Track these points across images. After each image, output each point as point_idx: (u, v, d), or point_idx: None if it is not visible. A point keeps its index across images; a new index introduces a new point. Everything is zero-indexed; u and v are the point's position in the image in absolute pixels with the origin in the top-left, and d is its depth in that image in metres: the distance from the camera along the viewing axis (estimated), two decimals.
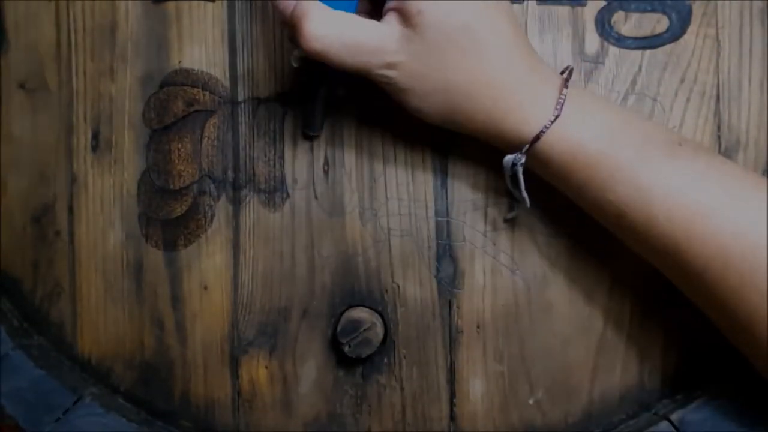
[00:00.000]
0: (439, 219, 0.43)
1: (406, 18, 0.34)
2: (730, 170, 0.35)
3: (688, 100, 0.42)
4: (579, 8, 0.42)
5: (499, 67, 0.35)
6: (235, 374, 0.43)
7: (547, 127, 0.35)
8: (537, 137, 0.35)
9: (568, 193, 0.38)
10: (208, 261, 0.43)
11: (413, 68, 0.35)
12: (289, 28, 0.35)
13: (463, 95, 0.36)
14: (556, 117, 0.35)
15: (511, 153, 0.37)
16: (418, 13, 0.34)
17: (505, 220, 0.42)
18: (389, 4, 0.35)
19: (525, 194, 0.38)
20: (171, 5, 0.43)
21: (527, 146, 0.36)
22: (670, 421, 0.40)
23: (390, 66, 0.35)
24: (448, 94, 0.36)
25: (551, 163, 0.36)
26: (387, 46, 0.35)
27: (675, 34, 0.42)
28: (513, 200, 0.41)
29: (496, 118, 0.36)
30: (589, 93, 0.38)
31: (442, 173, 0.43)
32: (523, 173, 0.37)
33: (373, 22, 0.35)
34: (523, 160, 0.36)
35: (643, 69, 0.42)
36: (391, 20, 0.35)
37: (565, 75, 0.37)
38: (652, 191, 0.34)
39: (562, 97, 0.35)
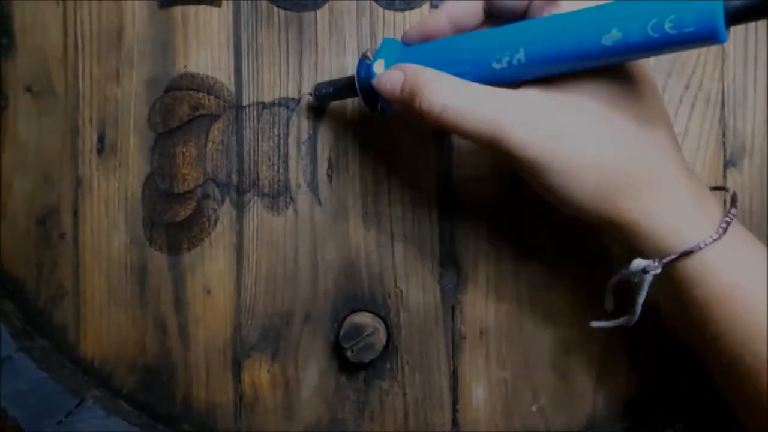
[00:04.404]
0: (443, 224, 0.42)
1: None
2: None
3: (693, 106, 0.42)
4: None
5: (669, 152, 0.31)
6: (237, 378, 0.43)
7: (706, 245, 0.29)
8: (689, 252, 0.30)
9: (690, 327, 0.32)
10: (212, 265, 0.43)
11: (553, 136, 0.30)
12: (403, 99, 0.32)
13: (622, 175, 0.30)
14: (719, 237, 0.30)
15: (645, 258, 0.31)
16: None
17: (598, 327, 0.36)
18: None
19: (639, 308, 0.32)
20: (177, 10, 0.43)
21: (672, 257, 0.30)
22: (674, 430, 0.40)
23: (524, 131, 0.30)
24: (603, 171, 0.30)
25: (695, 289, 0.30)
26: (522, 109, 0.30)
27: None
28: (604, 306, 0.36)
29: (651, 210, 0.30)
30: (748, 231, 0.32)
31: (445, 178, 0.42)
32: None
33: (508, 91, 0.31)
34: (659, 270, 0.30)
35: None
36: (531, 88, 0.31)
37: (731, 193, 0.32)
38: None
39: (730, 216, 0.30)
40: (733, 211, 0.30)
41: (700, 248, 0.29)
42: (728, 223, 0.30)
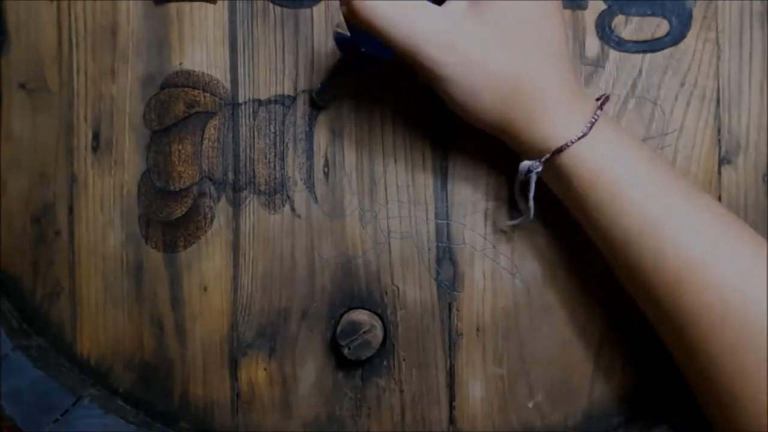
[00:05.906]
0: (439, 221, 0.43)
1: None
2: (740, 229, 0.35)
3: (688, 103, 0.42)
4: (579, 12, 0.42)
5: (549, 69, 0.35)
6: (234, 376, 0.43)
7: (573, 142, 0.35)
8: (560, 149, 0.35)
9: (578, 215, 0.38)
10: (208, 262, 0.43)
11: (465, 55, 0.34)
12: None
13: (510, 91, 0.35)
14: (584, 135, 0.35)
15: (530, 159, 0.37)
16: None
17: (506, 227, 0.42)
18: None
19: (532, 203, 0.38)
20: (172, 6, 0.43)
21: (547, 156, 0.35)
22: (670, 425, 0.40)
23: (440, 49, 0.34)
24: (496, 88, 0.35)
25: (571, 180, 0.36)
26: (441, 26, 0.34)
27: (675, 37, 0.42)
28: (516, 208, 0.41)
29: (532, 120, 0.35)
30: (622, 127, 0.39)
31: (442, 175, 0.43)
32: (537, 186, 0.37)
33: (430, 3, 0.34)
34: (540, 168, 0.36)
35: (644, 72, 0.42)
36: (454, 3, 0.34)
37: (600, 100, 0.37)
38: (664, 228, 0.34)
39: (595, 117, 0.35)
40: (598, 113, 0.35)
41: (568, 145, 0.35)
42: (592, 123, 0.35)
